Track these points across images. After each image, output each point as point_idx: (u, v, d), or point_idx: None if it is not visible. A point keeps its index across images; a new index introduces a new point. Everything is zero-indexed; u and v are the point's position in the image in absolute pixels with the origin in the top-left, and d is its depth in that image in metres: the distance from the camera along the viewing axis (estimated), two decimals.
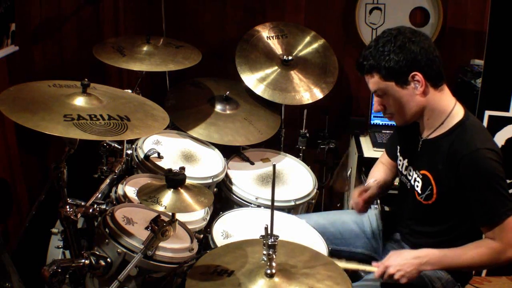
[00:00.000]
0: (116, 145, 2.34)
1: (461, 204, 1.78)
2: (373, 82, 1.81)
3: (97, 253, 1.72)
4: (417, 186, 1.89)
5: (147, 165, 2.27)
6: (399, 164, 2.03)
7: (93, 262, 1.70)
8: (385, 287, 1.88)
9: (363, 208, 2.09)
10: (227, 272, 1.48)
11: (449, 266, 1.82)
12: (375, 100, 1.87)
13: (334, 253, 2.04)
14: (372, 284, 1.91)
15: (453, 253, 1.80)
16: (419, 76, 1.74)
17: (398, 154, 2.05)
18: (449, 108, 1.82)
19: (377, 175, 2.19)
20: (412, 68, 1.74)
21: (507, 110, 2.71)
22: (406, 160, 1.99)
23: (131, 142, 2.40)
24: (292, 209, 2.41)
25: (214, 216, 2.19)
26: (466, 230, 1.85)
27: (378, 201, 3.12)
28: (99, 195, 2.13)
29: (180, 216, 1.81)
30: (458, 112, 1.82)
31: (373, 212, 2.23)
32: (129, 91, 2.34)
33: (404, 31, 1.78)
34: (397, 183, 2.15)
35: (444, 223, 1.87)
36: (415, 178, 1.91)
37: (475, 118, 1.87)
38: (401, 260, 1.79)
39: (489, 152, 1.72)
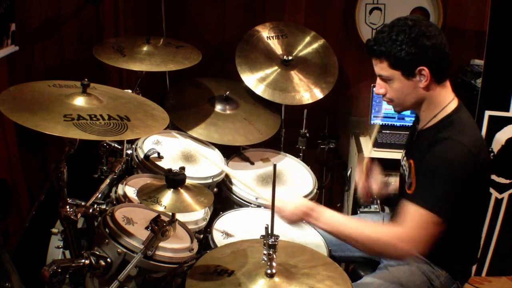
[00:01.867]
0: (116, 145, 2.34)
1: None
2: (380, 67, 1.82)
3: (97, 253, 1.71)
4: (405, 175, 1.91)
5: (147, 165, 2.27)
6: (401, 156, 2.05)
7: (93, 262, 1.70)
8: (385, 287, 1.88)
9: (366, 187, 2.21)
10: (227, 272, 1.48)
11: (334, 230, 1.82)
12: (378, 82, 1.88)
13: (334, 260, 2.03)
14: (372, 285, 1.91)
15: (347, 221, 1.83)
16: (425, 71, 1.75)
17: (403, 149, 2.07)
18: (445, 103, 1.83)
19: None
20: (421, 62, 1.75)
21: (507, 110, 2.72)
22: (405, 151, 2.02)
23: (131, 142, 2.40)
24: None
25: (214, 216, 2.19)
26: (454, 225, 1.81)
27: (378, 201, 3.12)
28: (99, 195, 2.13)
29: (180, 216, 1.81)
30: (451, 107, 1.83)
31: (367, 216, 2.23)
32: (129, 91, 2.33)
33: (420, 23, 1.77)
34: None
35: None
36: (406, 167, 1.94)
37: (465, 113, 1.85)
38: (293, 211, 1.84)
39: (459, 145, 1.71)
